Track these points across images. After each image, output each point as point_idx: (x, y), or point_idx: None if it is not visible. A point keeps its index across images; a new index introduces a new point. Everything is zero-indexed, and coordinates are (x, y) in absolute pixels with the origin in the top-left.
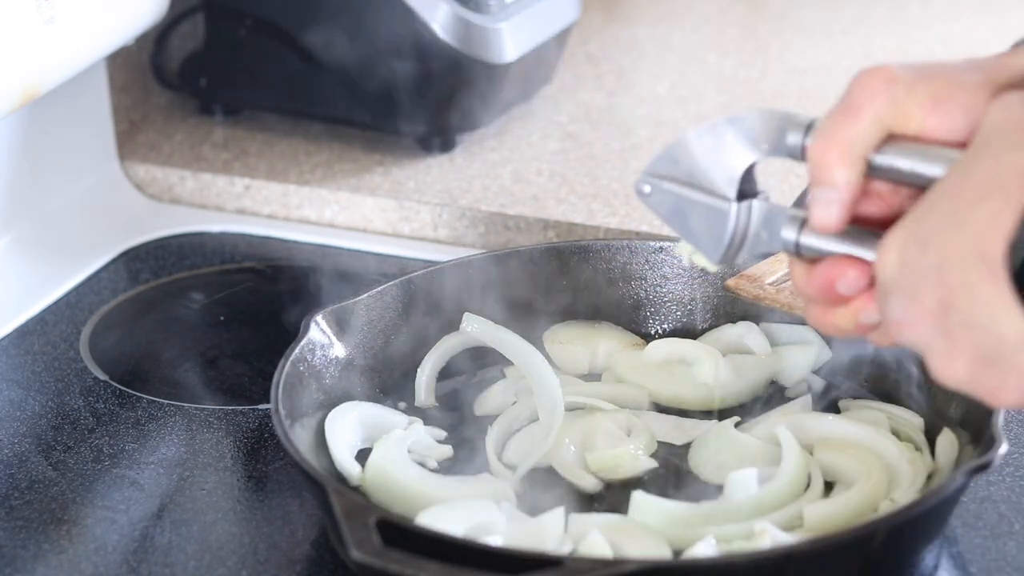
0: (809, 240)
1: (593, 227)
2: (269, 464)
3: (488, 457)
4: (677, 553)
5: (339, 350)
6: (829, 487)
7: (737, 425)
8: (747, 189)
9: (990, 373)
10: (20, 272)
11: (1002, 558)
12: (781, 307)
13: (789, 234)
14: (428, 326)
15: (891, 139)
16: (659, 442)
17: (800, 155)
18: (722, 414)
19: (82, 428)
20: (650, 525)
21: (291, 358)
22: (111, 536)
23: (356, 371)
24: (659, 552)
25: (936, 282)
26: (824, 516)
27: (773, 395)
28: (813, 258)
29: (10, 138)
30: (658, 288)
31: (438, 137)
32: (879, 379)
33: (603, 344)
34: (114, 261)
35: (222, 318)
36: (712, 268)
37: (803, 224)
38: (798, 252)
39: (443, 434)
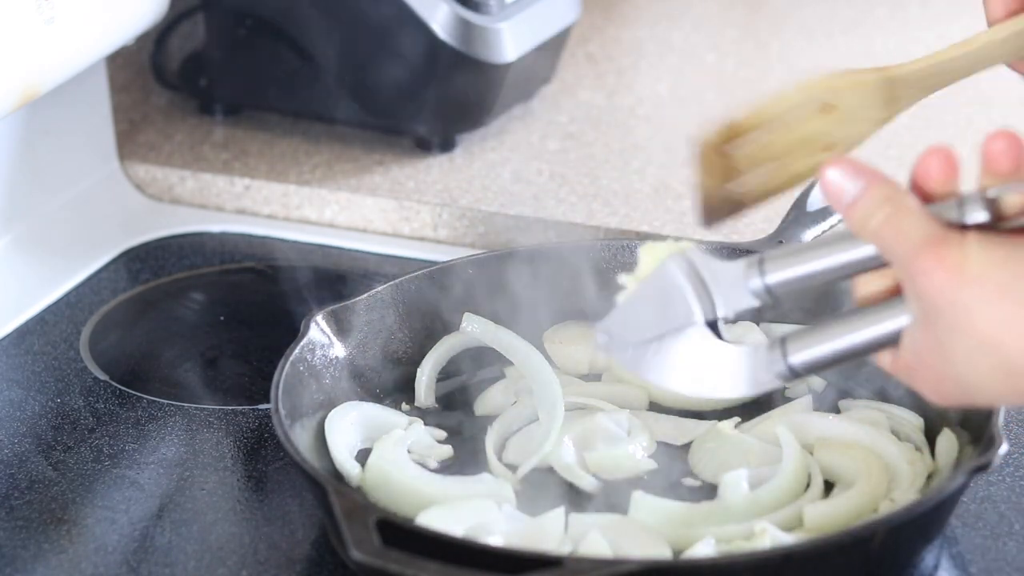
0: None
1: (593, 227)
2: (269, 464)
3: (488, 457)
4: (677, 553)
5: (339, 350)
6: (829, 487)
7: (737, 425)
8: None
9: None
10: (20, 272)
11: (1002, 558)
12: (759, 196)
13: (757, 282)
14: (428, 326)
15: None
16: (659, 442)
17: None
18: (722, 414)
19: (82, 428)
20: (650, 525)
21: (291, 358)
22: (111, 536)
23: (356, 371)
24: (659, 552)
25: None
26: (824, 516)
27: (773, 395)
28: None
29: (10, 138)
30: None
31: (438, 137)
32: (879, 379)
33: None
34: (114, 261)
35: (222, 318)
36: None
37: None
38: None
39: (443, 434)
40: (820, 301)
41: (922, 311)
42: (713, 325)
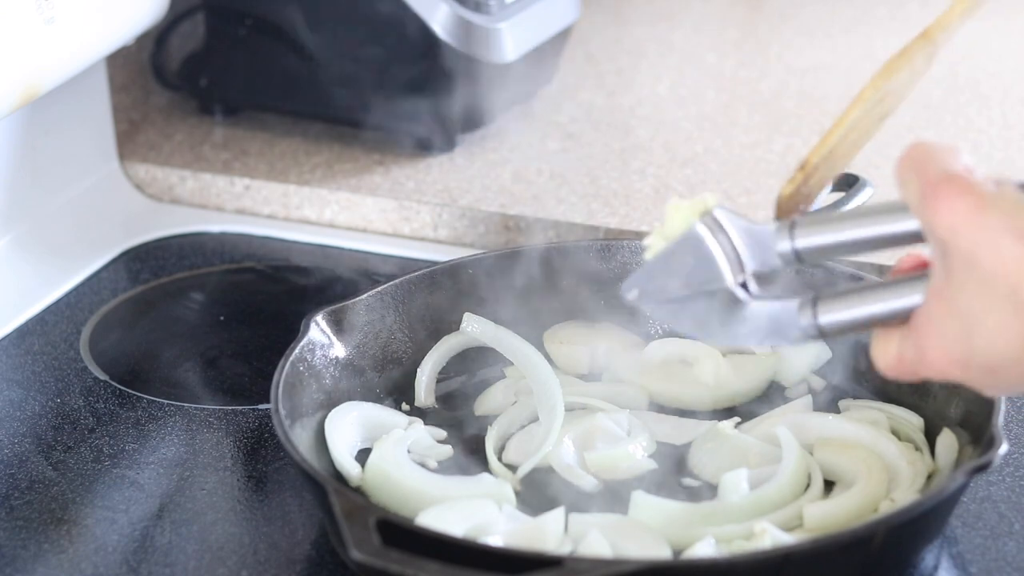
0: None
1: (593, 227)
2: (269, 464)
3: (488, 457)
4: (677, 553)
5: (339, 350)
6: (829, 487)
7: (737, 425)
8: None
9: None
10: (20, 272)
11: (1002, 558)
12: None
13: (786, 245)
14: (428, 326)
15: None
16: (659, 442)
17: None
18: (722, 414)
19: (82, 428)
20: (650, 525)
21: (291, 358)
22: (111, 536)
23: (356, 371)
24: (659, 552)
25: None
26: (824, 516)
27: (773, 395)
28: None
29: (10, 138)
30: None
31: (438, 137)
32: (879, 379)
33: (603, 344)
34: (114, 261)
35: (222, 318)
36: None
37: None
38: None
39: (443, 434)
40: None
41: (939, 248)
42: (743, 283)
